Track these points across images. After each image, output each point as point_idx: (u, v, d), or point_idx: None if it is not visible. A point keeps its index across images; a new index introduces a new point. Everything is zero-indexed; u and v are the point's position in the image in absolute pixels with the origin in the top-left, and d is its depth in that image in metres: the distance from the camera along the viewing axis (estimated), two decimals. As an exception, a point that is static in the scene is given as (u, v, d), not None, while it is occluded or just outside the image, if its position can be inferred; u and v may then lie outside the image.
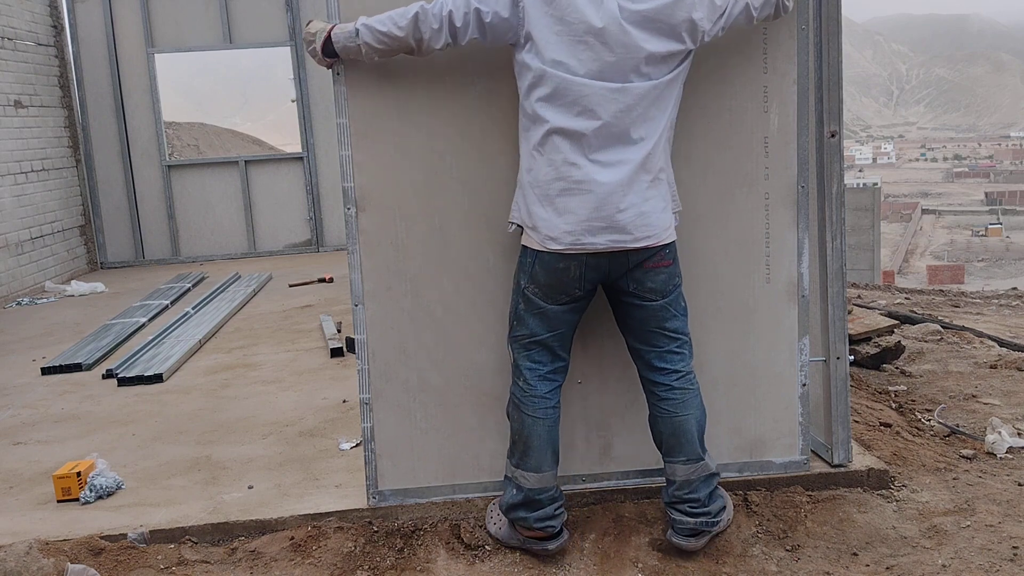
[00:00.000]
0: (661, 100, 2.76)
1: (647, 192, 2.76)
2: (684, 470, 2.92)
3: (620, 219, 2.72)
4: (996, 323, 6.59)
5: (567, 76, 2.70)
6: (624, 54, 2.69)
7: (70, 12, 9.95)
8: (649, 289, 2.84)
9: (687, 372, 2.95)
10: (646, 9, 2.70)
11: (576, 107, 2.70)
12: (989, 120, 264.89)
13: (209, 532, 3.16)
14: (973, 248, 61.56)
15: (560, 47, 2.71)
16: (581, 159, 2.72)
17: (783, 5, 2.91)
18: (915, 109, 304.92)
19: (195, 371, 5.45)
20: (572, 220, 2.73)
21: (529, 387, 2.94)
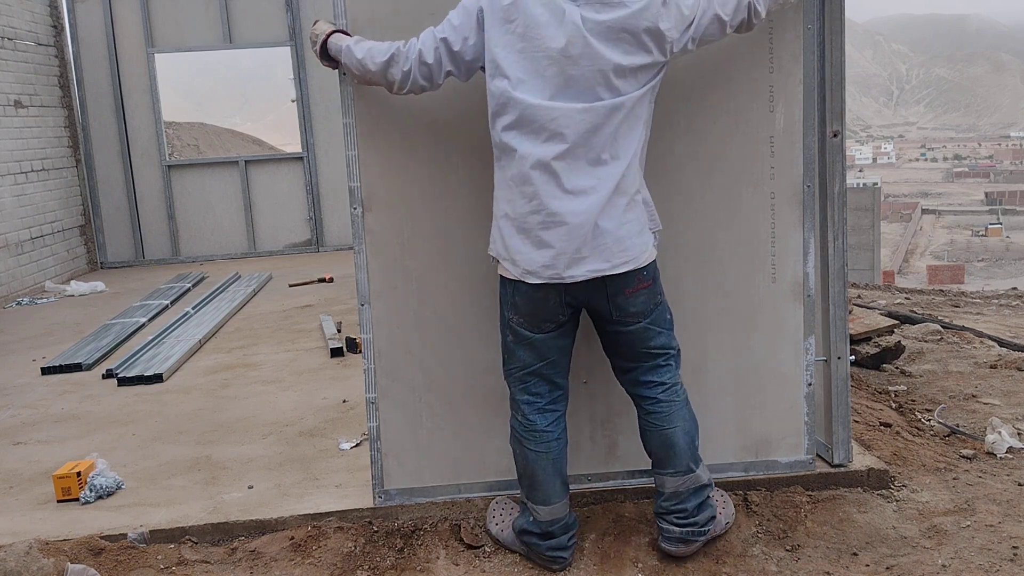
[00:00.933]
0: (632, 117, 2.67)
1: (623, 216, 2.67)
2: (673, 482, 2.88)
3: (597, 247, 2.64)
4: (996, 323, 6.59)
5: (532, 100, 2.61)
6: (590, 68, 2.59)
7: (70, 12, 9.95)
8: (632, 313, 2.77)
9: (673, 384, 2.88)
10: (611, 19, 2.59)
11: (544, 132, 2.61)
12: (989, 120, 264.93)
13: (209, 532, 3.16)
14: (973, 248, 61.57)
15: (523, 66, 2.62)
16: (555, 189, 2.63)
17: (755, 10, 2.78)
18: (915, 109, 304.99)
19: (195, 371, 5.45)
20: (550, 253, 2.64)
21: (528, 422, 2.88)
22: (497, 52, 2.65)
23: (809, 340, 3.23)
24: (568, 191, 2.63)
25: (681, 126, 3.10)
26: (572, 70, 2.59)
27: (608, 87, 2.61)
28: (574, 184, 2.63)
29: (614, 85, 2.62)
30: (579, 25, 2.58)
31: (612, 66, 2.60)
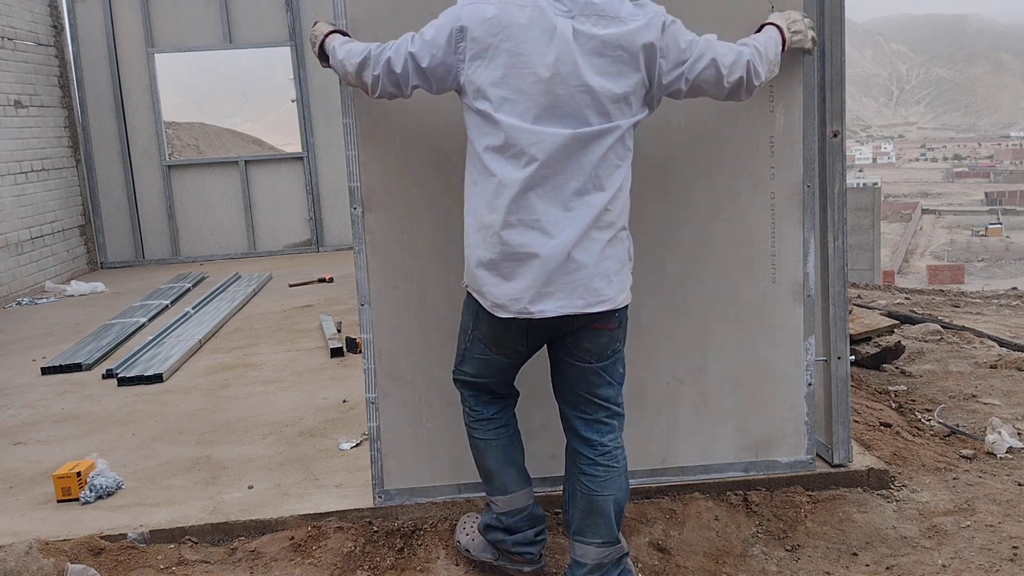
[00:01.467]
0: (621, 147, 2.50)
1: (604, 251, 2.48)
2: (597, 553, 2.66)
3: (570, 283, 2.45)
4: (996, 323, 6.59)
5: (515, 123, 2.43)
6: (579, 90, 2.42)
7: (70, 12, 9.95)
8: (585, 349, 2.58)
9: (615, 448, 2.68)
10: (606, 35, 2.43)
11: (524, 157, 2.43)
12: (989, 120, 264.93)
13: (209, 532, 3.16)
14: (973, 248, 61.57)
15: (506, 86, 2.44)
16: (529, 217, 2.44)
17: (754, 70, 2.63)
18: (915, 109, 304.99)
19: (195, 371, 5.45)
20: (520, 286, 2.45)
21: (475, 411, 2.80)
22: (477, 71, 2.47)
23: (809, 340, 3.23)
24: (543, 221, 2.44)
25: (681, 126, 3.10)
26: (560, 90, 2.42)
27: (598, 112, 2.45)
28: (550, 214, 2.44)
29: (605, 110, 2.45)
30: (570, 42, 2.42)
31: (603, 89, 2.44)
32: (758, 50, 2.69)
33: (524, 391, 3.16)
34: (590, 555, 2.66)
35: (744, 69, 2.61)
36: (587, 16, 2.44)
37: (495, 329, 2.59)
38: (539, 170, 2.43)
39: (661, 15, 2.52)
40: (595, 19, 2.44)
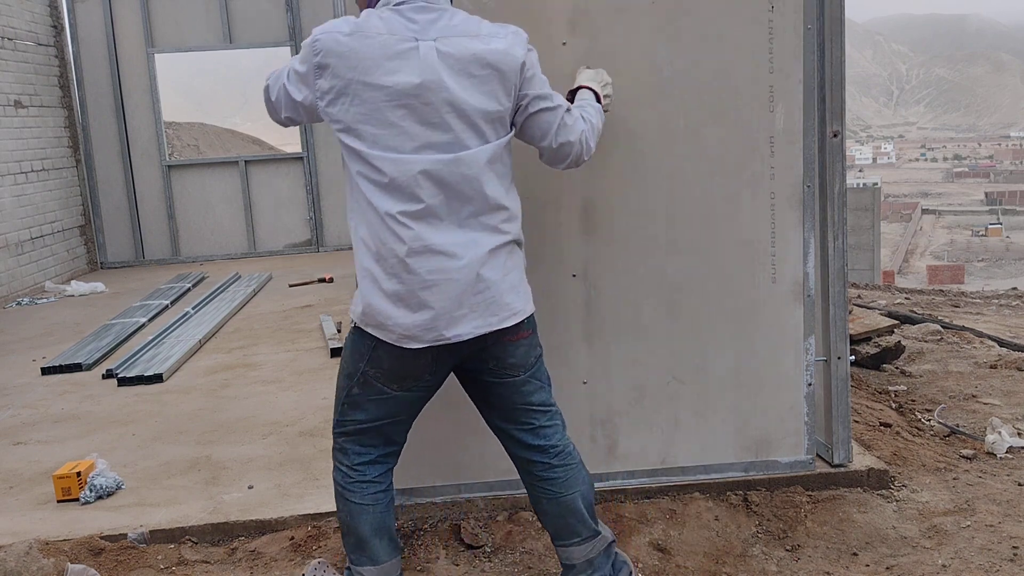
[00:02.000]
0: (501, 165, 2.45)
1: (507, 265, 2.45)
2: (582, 551, 2.64)
3: (482, 302, 2.39)
4: (996, 323, 6.59)
5: (394, 156, 2.33)
6: (452, 112, 2.34)
7: (70, 12, 9.96)
8: (510, 365, 2.52)
9: (566, 446, 2.64)
10: (474, 54, 2.36)
11: (411, 187, 2.33)
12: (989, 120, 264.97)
13: (209, 532, 3.16)
14: (973, 248, 61.59)
15: (377, 121, 2.33)
16: (432, 243, 2.35)
17: (586, 146, 2.56)
18: (915, 109, 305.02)
19: (195, 371, 5.45)
20: (429, 315, 2.36)
21: (355, 472, 2.57)
22: (342, 108, 2.36)
23: (809, 340, 3.23)
24: (444, 245, 2.36)
25: (681, 126, 3.10)
26: (432, 116, 2.33)
27: (475, 132, 2.38)
28: (449, 237, 2.36)
29: (481, 129, 2.38)
30: (436, 65, 2.33)
31: (476, 108, 2.36)
32: (592, 124, 2.61)
33: (524, 391, 3.16)
34: (575, 555, 2.65)
35: (578, 138, 2.54)
36: (448, 37, 2.36)
37: (400, 363, 2.44)
38: (429, 198, 2.34)
39: (523, 34, 2.47)
40: (457, 39, 2.37)
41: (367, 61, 2.32)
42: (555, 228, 3.11)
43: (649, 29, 3.05)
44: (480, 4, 2.99)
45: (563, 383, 3.18)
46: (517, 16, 3.00)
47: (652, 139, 3.10)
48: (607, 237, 3.13)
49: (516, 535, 3.08)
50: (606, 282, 3.15)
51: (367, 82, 2.32)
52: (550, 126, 2.50)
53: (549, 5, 3.02)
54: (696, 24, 3.07)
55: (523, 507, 3.19)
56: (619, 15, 3.04)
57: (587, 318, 3.16)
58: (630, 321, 3.17)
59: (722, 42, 3.07)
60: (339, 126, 2.39)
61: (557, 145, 2.52)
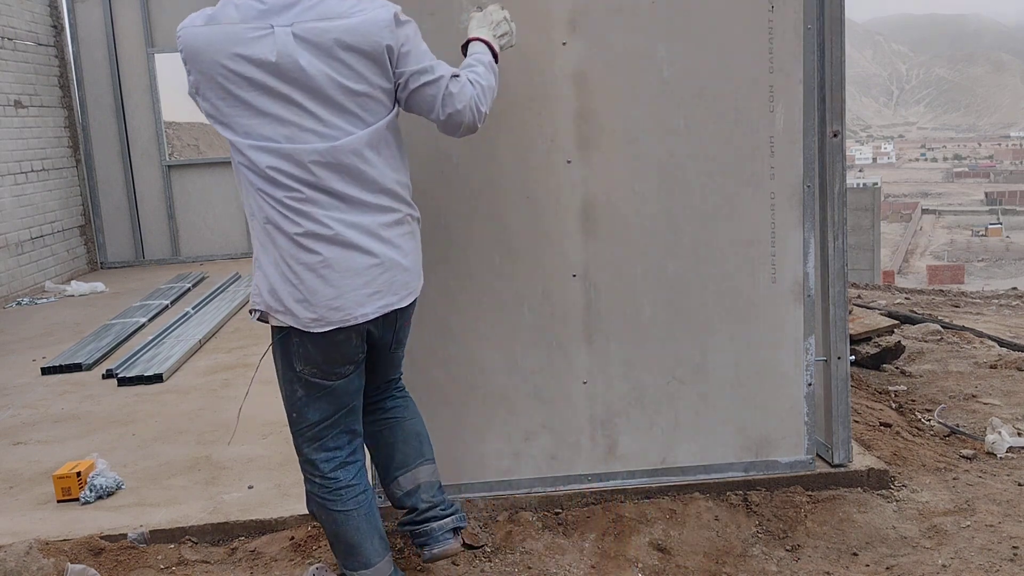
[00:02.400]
0: (386, 145, 2.45)
1: (406, 245, 2.50)
2: (428, 470, 2.75)
3: (386, 281, 2.44)
4: (996, 323, 6.59)
5: (266, 144, 2.34)
6: (313, 95, 2.32)
7: (70, 12, 9.95)
8: (400, 341, 2.67)
9: (402, 383, 2.85)
10: (334, 35, 2.31)
11: (290, 175, 2.34)
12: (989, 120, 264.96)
13: (209, 532, 3.16)
14: (973, 248, 61.58)
15: (243, 107, 2.33)
16: (316, 230, 2.36)
17: (476, 111, 2.50)
18: (915, 109, 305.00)
19: (195, 371, 5.45)
20: (332, 294, 2.38)
21: (331, 480, 2.57)
22: (210, 96, 2.36)
23: (809, 340, 3.23)
24: (334, 230, 2.37)
25: (681, 126, 3.10)
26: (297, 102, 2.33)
27: (346, 115, 2.36)
28: (344, 217, 2.38)
29: (353, 112, 2.37)
30: (293, 47, 2.30)
31: (340, 91, 2.34)
32: (482, 86, 2.53)
33: (522, 390, 3.17)
34: (422, 474, 2.74)
35: (466, 105, 2.49)
36: (305, 22, 2.33)
37: (330, 348, 2.47)
38: (311, 185, 2.35)
39: (391, 8, 2.40)
40: (315, 23, 2.33)
41: (223, 51, 2.32)
42: (555, 228, 3.11)
43: (649, 29, 3.05)
44: (480, 4, 2.99)
45: (563, 383, 3.18)
46: (517, 16, 3.00)
47: (652, 139, 3.10)
48: (607, 237, 3.13)
49: (516, 535, 3.08)
50: (606, 282, 3.15)
51: (226, 72, 2.32)
52: (434, 99, 2.46)
53: (549, 5, 3.02)
54: (696, 24, 3.07)
55: (523, 507, 3.19)
56: (619, 15, 3.04)
57: (587, 318, 3.16)
58: (630, 321, 3.17)
59: (722, 42, 3.07)
60: (212, 119, 2.40)
61: (445, 116, 2.49)
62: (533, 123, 3.06)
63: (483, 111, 2.53)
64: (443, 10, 2.99)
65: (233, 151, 2.41)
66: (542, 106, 3.06)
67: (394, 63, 2.40)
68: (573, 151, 3.09)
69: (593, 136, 3.09)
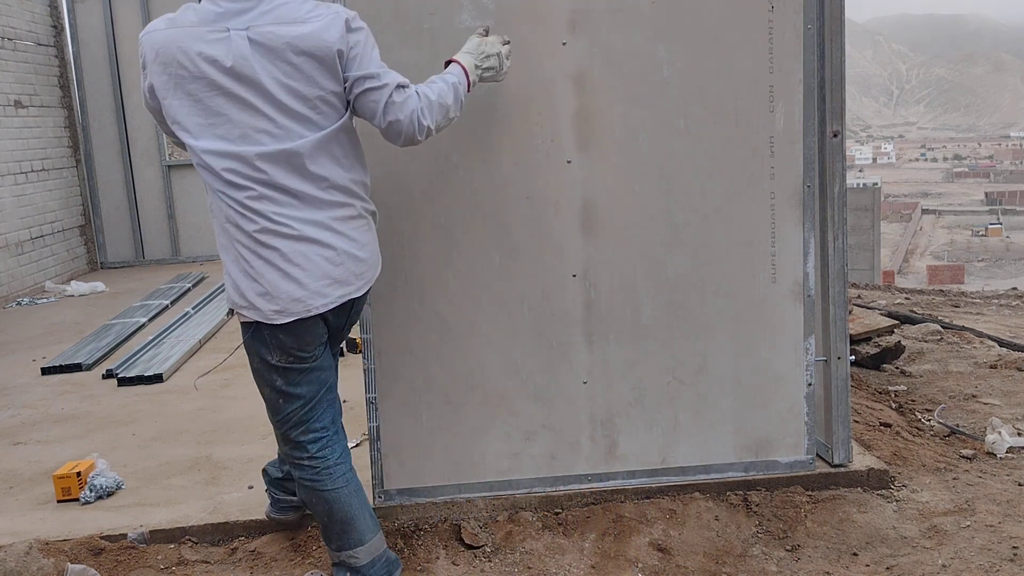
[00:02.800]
0: (339, 147, 2.52)
1: (361, 237, 2.59)
2: None
3: (343, 272, 2.54)
4: (996, 323, 6.59)
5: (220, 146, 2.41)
6: (266, 98, 2.40)
7: (70, 12, 9.95)
8: (349, 325, 2.74)
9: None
10: (288, 40, 2.39)
11: (244, 176, 2.42)
12: (989, 120, 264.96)
13: (209, 532, 3.16)
14: (973, 248, 61.61)
15: (199, 109, 2.41)
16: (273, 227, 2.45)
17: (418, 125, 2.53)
18: (915, 109, 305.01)
19: (195, 371, 5.45)
20: (296, 285, 2.48)
21: (318, 460, 2.64)
22: (171, 104, 2.43)
23: (809, 340, 3.23)
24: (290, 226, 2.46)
25: (681, 126, 3.10)
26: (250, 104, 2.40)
27: (296, 118, 2.44)
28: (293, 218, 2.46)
29: (303, 115, 2.44)
30: (247, 50, 2.38)
31: (292, 95, 2.42)
32: (430, 100, 2.57)
33: (523, 390, 3.17)
34: None
35: (407, 117, 2.52)
36: (261, 26, 2.40)
37: (301, 334, 2.55)
38: (266, 184, 2.43)
39: (344, 14, 2.47)
40: (270, 27, 2.40)
41: (180, 54, 2.39)
42: (555, 228, 3.11)
43: (649, 29, 3.05)
44: (480, 4, 2.99)
45: (563, 383, 3.18)
46: (517, 16, 3.00)
47: (652, 139, 3.10)
48: (607, 237, 3.13)
49: (516, 535, 3.08)
50: (606, 282, 3.15)
51: (185, 73, 2.39)
52: (376, 105, 2.52)
53: (549, 5, 3.02)
54: (696, 24, 3.07)
55: (523, 507, 3.19)
56: (619, 15, 3.04)
57: (587, 318, 3.16)
58: (630, 321, 3.18)
59: (722, 42, 3.07)
60: (170, 121, 2.47)
61: (386, 124, 2.54)
62: (533, 123, 3.07)
63: (425, 124, 2.56)
64: (443, 10, 2.99)
65: (191, 154, 2.47)
66: (542, 106, 3.06)
67: (343, 67, 2.47)
68: (573, 151, 3.09)
69: (593, 136, 3.09)
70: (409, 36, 3.00)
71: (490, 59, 2.78)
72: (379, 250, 2.72)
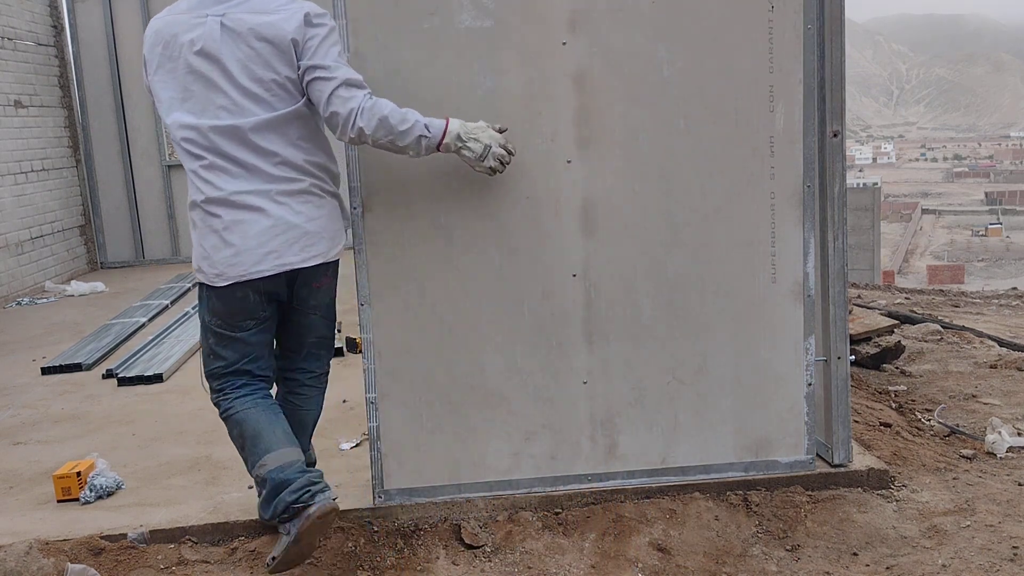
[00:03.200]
0: (295, 129, 2.76)
1: (314, 212, 2.80)
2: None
3: (286, 241, 2.75)
4: (996, 323, 6.59)
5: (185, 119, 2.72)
6: (230, 81, 2.69)
7: (70, 12, 9.95)
8: (312, 305, 2.95)
9: (323, 373, 3.13)
10: (253, 27, 2.69)
11: (202, 147, 2.72)
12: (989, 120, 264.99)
13: (209, 532, 3.16)
14: (973, 248, 61.61)
15: (175, 86, 2.74)
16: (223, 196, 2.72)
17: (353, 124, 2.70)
18: (915, 109, 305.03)
19: (195, 371, 5.43)
20: (231, 252, 2.73)
21: (228, 395, 2.91)
22: (153, 79, 2.79)
23: (809, 340, 3.23)
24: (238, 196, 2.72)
25: (680, 126, 3.10)
26: (215, 83, 2.70)
27: (254, 99, 2.70)
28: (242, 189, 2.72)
29: (261, 97, 2.71)
30: (217, 38, 2.69)
31: (253, 78, 2.69)
32: (378, 111, 2.69)
33: (523, 390, 3.17)
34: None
35: (346, 112, 2.69)
36: (235, 13, 2.72)
37: (231, 303, 2.81)
38: (219, 155, 2.72)
39: (306, 8, 2.73)
40: (242, 15, 2.71)
41: (169, 36, 2.74)
42: (555, 228, 3.12)
43: (649, 29, 3.05)
44: (480, 4, 2.99)
45: (563, 383, 3.18)
46: (517, 16, 3.00)
47: (652, 139, 3.10)
48: (607, 237, 3.13)
49: (516, 535, 3.08)
50: (606, 282, 3.15)
51: (167, 55, 2.75)
52: (322, 95, 2.71)
53: (549, 5, 3.02)
54: (696, 24, 3.07)
55: (523, 507, 3.19)
56: (619, 15, 3.04)
57: (587, 318, 3.16)
58: (630, 321, 3.18)
59: (722, 42, 3.07)
60: (154, 96, 2.82)
61: (327, 114, 2.73)
62: (533, 123, 3.07)
63: (359, 126, 2.69)
64: (443, 10, 2.99)
65: (167, 129, 2.83)
66: (542, 106, 3.06)
67: (298, 55, 2.71)
68: (573, 151, 3.09)
69: (593, 136, 3.09)
70: (409, 36, 2.99)
71: (477, 144, 2.84)
72: (339, 229, 2.90)
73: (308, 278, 2.85)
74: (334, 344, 3.19)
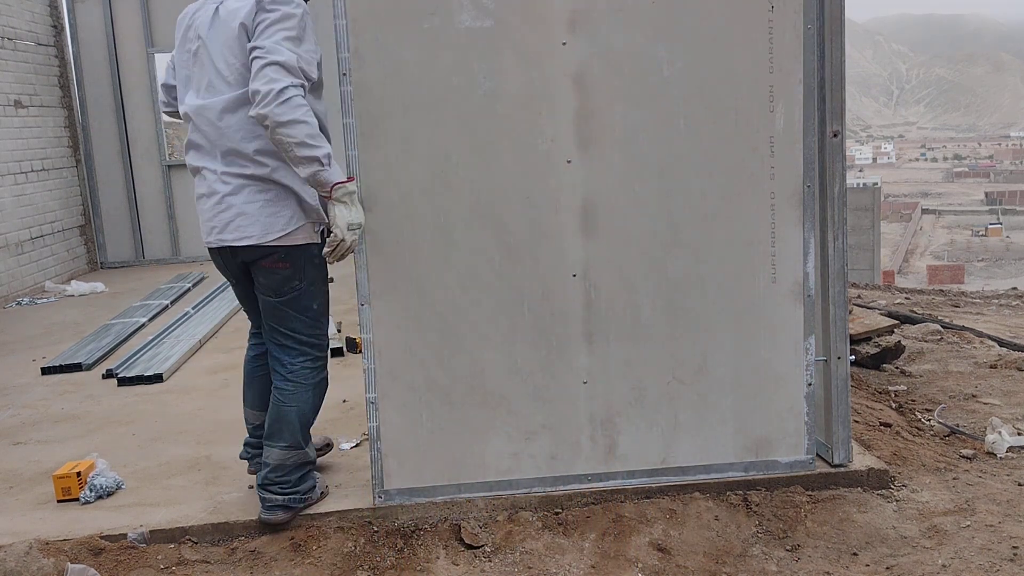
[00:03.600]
0: (245, 110, 2.88)
1: (254, 196, 2.95)
2: (280, 455, 3.10)
3: (229, 221, 2.97)
4: (996, 323, 6.59)
5: (184, 97, 3.07)
6: (207, 62, 2.96)
7: (70, 12, 9.94)
8: (263, 285, 3.08)
9: (301, 369, 3.13)
10: (229, 13, 2.91)
11: (188, 124, 3.04)
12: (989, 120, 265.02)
13: (209, 532, 3.16)
14: (973, 248, 61.61)
15: (183, 66, 3.07)
16: (197, 167, 3.05)
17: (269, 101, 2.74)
18: (915, 109, 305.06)
19: (195, 371, 5.45)
20: (204, 222, 3.05)
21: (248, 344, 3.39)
22: (174, 60, 3.15)
23: (809, 340, 3.23)
24: (204, 171, 3.02)
25: (681, 126, 3.10)
26: (202, 66, 2.98)
27: (226, 82, 2.93)
28: (211, 165, 2.99)
29: (229, 80, 2.93)
30: (207, 22, 2.96)
31: (225, 61, 2.92)
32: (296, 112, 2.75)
33: (523, 390, 3.17)
34: (273, 456, 3.11)
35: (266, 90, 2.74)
36: (228, 3, 2.93)
37: (215, 262, 3.19)
38: (194, 132, 3.01)
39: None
40: (232, 3, 2.92)
41: (189, 20, 3.05)
42: (555, 228, 3.12)
43: (649, 29, 3.06)
44: (480, 4, 2.99)
45: (563, 383, 3.19)
46: (517, 16, 3.00)
47: (652, 139, 3.10)
48: (607, 237, 3.13)
49: (516, 535, 3.09)
50: (606, 282, 3.15)
51: (185, 37, 3.05)
52: (253, 72, 2.82)
53: (549, 5, 3.02)
54: (696, 24, 3.07)
55: (523, 507, 3.19)
56: (619, 15, 3.04)
57: (587, 318, 3.16)
58: (630, 321, 3.18)
59: (722, 42, 3.07)
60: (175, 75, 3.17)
61: (252, 89, 2.81)
62: (533, 123, 3.07)
63: (273, 108, 2.73)
64: (443, 10, 2.99)
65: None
66: (542, 106, 3.06)
67: (249, 38, 2.87)
68: (573, 151, 3.09)
69: (593, 136, 3.09)
70: (409, 36, 3.00)
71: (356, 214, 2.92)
72: (279, 216, 2.98)
73: (254, 256, 3.01)
74: (314, 348, 3.15)
